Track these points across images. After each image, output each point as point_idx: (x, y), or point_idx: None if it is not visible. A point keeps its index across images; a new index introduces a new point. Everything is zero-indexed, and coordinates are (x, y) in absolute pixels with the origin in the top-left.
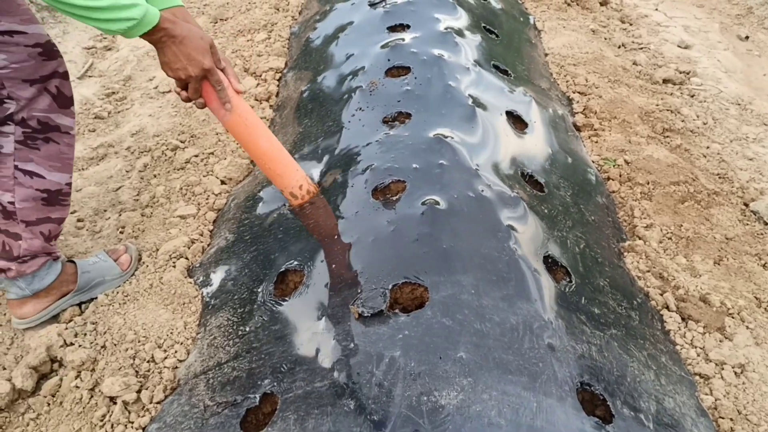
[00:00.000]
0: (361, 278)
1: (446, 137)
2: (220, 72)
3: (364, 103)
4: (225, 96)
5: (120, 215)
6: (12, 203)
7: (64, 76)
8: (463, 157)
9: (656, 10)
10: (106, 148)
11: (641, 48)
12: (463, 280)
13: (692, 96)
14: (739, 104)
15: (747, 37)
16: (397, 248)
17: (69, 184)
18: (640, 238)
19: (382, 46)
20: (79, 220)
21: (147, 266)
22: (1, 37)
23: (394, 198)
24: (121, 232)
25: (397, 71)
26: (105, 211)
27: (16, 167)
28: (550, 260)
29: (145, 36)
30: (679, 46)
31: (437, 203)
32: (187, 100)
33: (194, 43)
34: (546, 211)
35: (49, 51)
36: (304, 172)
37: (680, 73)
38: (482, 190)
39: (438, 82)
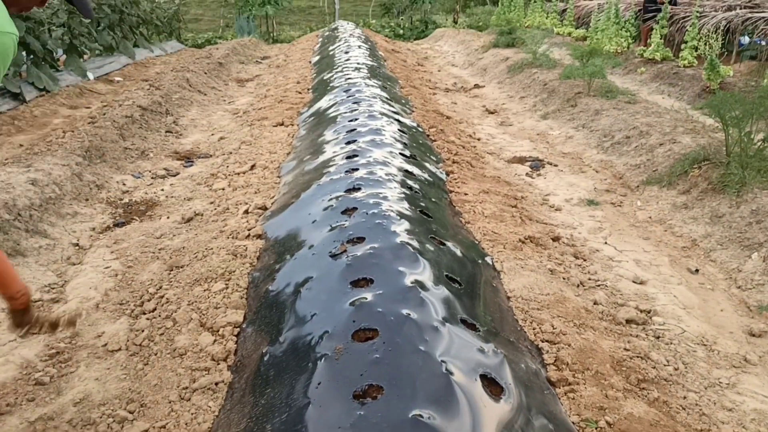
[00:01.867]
0: None
1: (423, 418)
2: None
3: (330, 375)
4: None
5: None
6: None
7: None
8: None
9: (606, 243)
10: (45, 422)
11: (599, 286)
12: None
13: (658, 338)
14: (704, 345)
15: (697, 270)
16: None
17: None
18: None
19: (347, 305)
20: None
21: None
22: None
23: None
24: None
25: (363, 334)
26: None
27: None
28: None
29: None
30: (634, 282)
31: None
32: None
33: None
34: None
35: None
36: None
37: (641, 312)
38: None
39: (408, 348)
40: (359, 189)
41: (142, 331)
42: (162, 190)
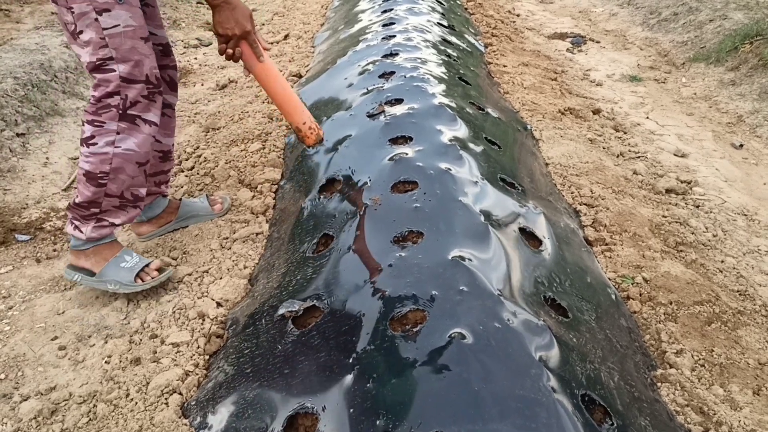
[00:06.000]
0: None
1: (464, 259)
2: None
3: (371, 222)
4: (259, 51)
5: (106, 342)
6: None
7: (175, 68)
8: (483, 281)
9: (647, 118)
10: None
11: (639, 157)
12: (501, 429)
13: (697, 206)
14: (745, 215)
15: (741, 146)
16: (421, 391)
17: (173, 144)
18: (671, 366)
19: (386, 160)
20: (60, 348)
21: (136, 403)
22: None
23: (414, 330)
24: (107, 362)
25: (402, 186)
26: (89, 337)
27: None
28: (587, 399)
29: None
30: (675, 155)
31: (463, 337)
32: (228, 56)
33: (242, 10)
34: (575, 340)
35: (168, 49)
36: (310, 114)
37: (682, 182)
38: (509, 320)
39: (448, 199)
40: (397, 54)
41: (182, 187)
42: (195, 58)
